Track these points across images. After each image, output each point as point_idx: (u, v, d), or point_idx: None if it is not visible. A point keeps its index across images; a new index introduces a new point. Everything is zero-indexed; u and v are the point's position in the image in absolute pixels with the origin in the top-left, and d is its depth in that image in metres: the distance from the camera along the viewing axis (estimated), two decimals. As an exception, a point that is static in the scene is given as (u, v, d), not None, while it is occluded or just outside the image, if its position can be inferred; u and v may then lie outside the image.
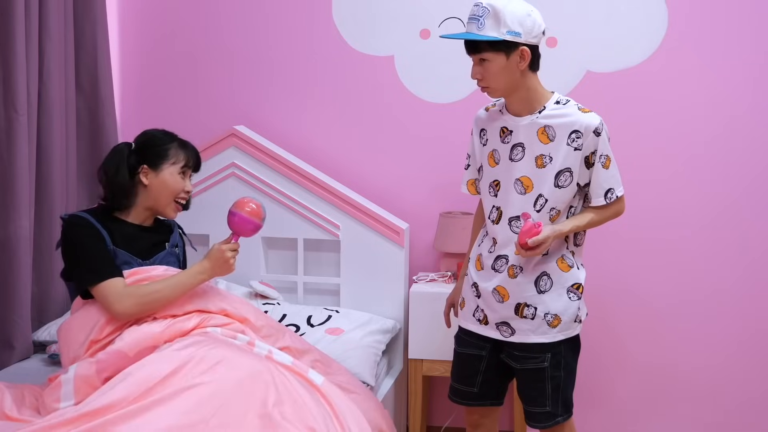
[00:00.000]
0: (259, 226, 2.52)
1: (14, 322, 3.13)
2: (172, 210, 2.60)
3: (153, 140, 2.61)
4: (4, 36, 3.05)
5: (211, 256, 2.47)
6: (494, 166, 2.58)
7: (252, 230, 2.52)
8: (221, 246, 2.48)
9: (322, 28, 3.61)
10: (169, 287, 2.43)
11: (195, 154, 2.64)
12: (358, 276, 3.51)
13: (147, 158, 2.57)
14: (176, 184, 2.57)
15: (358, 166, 3.65)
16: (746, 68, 3.37)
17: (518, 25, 2.39)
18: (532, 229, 2.41)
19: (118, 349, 2.35)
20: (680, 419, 3.55)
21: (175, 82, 3.76)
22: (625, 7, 3.40)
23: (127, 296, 2.40)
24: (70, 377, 2.33)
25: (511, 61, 2.42)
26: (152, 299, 2.42)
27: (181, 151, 2.59)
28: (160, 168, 2.56)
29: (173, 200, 2.58)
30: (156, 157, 2.56)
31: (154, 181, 2.56)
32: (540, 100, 2.51)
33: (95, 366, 2.33)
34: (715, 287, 3.47)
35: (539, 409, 2.59)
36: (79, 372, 2.33)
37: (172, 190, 2.57)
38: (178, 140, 2.63)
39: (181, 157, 2.59)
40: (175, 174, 2.57)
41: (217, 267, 2.47)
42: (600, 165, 2.49)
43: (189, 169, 2.61)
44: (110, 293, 2.41)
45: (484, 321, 2.61)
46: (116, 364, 2.33)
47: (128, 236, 2.55)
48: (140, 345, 2.36)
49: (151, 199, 2.58)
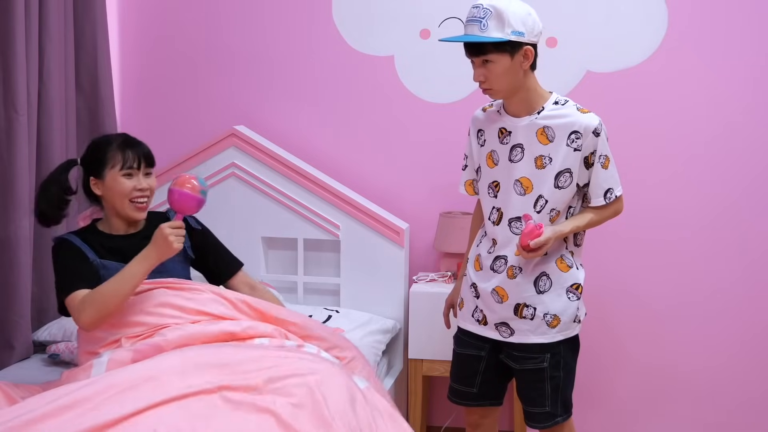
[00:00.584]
0: (198, 200, 2.42)
1: (14, 322, 3.13)
2: (132, 211, 2.53)
3: (92, 150, 2.57)
4: (4, 36, 3.05)
5: (154, 238, 2.38)
6: (493, 167, 2.58)
7: (193, 206, 2.42)
8: (161, 225, 2.38)
9: (322, 28, 3.61)
10: (120, 282, 2.36)
11: (138, 151, 2.54)
12: (358, 276, 3.51)
13: (91, 170, 2.54)
14: (122, 187, 2.50)
15: (358, 166, 3.65)
16: (746, 68, 3.37)
17: (521, 24, 2.39)
18: (533, 231, 2.41)
19: (157, 344, 2.33)
20: (680, 419, 3.55)
21: (175, 82, 3.76)
22: (625, 7, 3.40)
23: (86, 305, 2.37)
24: (103, 360, 2.31)
25: (516, 61, 2.42)
26: (108, 299, 2.35)
27: (118, 152, 2.51)
28: (102, 175, 2.51)
29: (129, 201, 2.52)
30: (97, 165, 2.52)
31: (103, 189, 2.52)
32: (539, 101, 2.51)
33: (132, 355, 2.31)
34: (714, 288, 3.47)
35: (539, 409, 2.59)
36: (114, 357, 2.31)
37: (121, 193, 2.51)
38: (118, 141, 2.55)
39: (118, 159, 2.51)
40: (117, 177, 2.50)
41: (160, 248, 2.37)
42: (599, 165, 2.49)
43: (133, 168, 2.52)
44: (73, 307, 2.40)
45: (483, 321, 2.61)
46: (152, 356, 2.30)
47: (113, 247, 2.53)
48: (178, 342, 2.34)
49: (109, 206, 2.55)
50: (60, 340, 3.14)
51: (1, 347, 3.13)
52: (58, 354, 3.04)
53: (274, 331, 2.47)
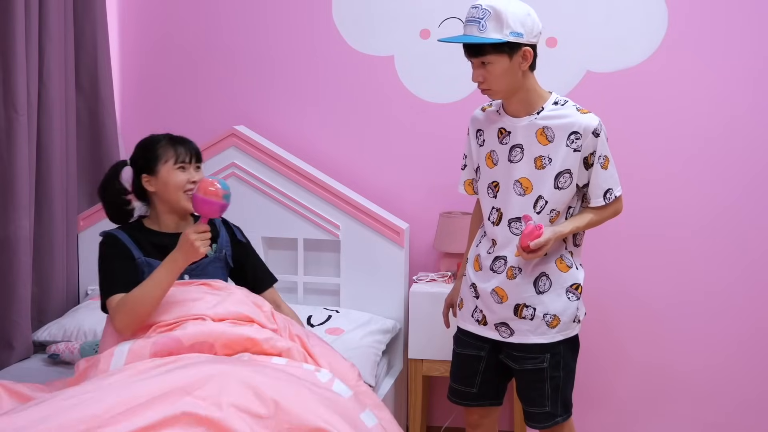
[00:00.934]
0: (222, 205, 2.47)
1: (14, 322, 3.14)
2: (187, 202, 2.58)
3: (142, 148, 2.64)
4: (4, 36, 3.05)
5: (180, 243, 2.43)
6: (492, 167, 2.57)
7: (217, 210, 2.47)
8: (187, 230, 2.43)
9: (322, 28, 3.61)
10: (150, 287, 2.42)
11: (188, 146, 2.62)
12: (358, 276, 3.51)
13: (143, 167, 2.60)
14: (177, 179, 2.57)
15: (358, 166, 3.65)
16: (746, 68, 3.37)
17: (520, 25, 2.39)
18: (533, 232, 2.41)
19: (176, 337, 2.36)
20: (679, 419, 3.55)
21: (175, 82, 3.76)
22: (624, 7, 3.40)
23: (119, 310, 2.43)
24: (124, 350, 2.34)
25: (514, 62, 2.42)
26: (139, 305, 2.41)
27: (170, 148, 2.59)
28: (156, 171, 2.57)
29: (183, 193, 2.58)
30: (148, 162, 2.59)
31: (157, 185, 2.58)
32: (538, 101, 2.51)
33: (150, 347, 2.34)
34: (714, 287, 3.46)
35: (538, 409, 2.59)
36: (134, 348, 2.34)
37: (176, 186, 2.57)
38: (166, 138, 2.63)
39: (171, 154, 2.58)
40: (171, 170, 2.57)
41: (186, 253, 2.42)
42: (599, 166, 2.49)
43: (185, 162, 2.59)
44: (110, 311, 2.47)
45: (482, 322, 2.61)
46: (170, 351, 2.35)
47: (160, 244, 2.56)
48: (197, 338, 2.37)
49: (164, 201, 2.60)
50: (60, 340, 3.15)
51: (1, 347, 3.13)
52: (57, 354, 3.05)
53: (294, 349, 2.47)
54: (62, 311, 3.39)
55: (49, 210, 3.31)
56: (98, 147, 3.61)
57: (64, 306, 3.43)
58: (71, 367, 3.01)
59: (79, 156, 3.56)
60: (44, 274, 3.34)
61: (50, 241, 3.33)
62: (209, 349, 2.38)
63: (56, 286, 3.37)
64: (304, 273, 3.59)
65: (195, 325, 2.41)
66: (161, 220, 2.63)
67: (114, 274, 2.50)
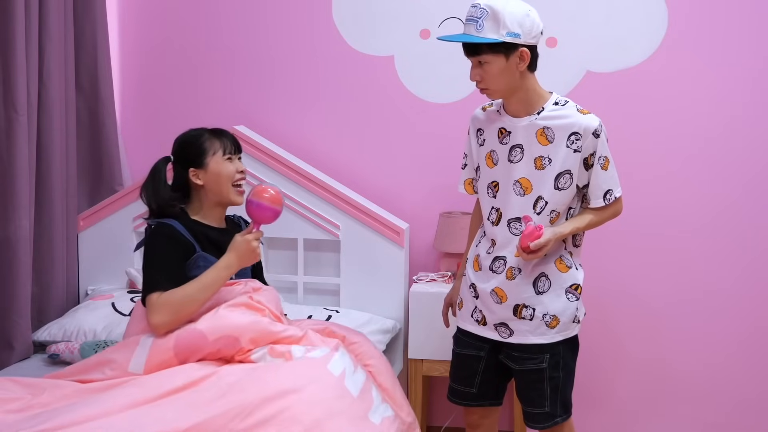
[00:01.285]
0: (278, 212, 2.51)
1: (14, 322, 3.14)
2: (235, 195, 2.60)
3: (186, 143, 2.62)
4: (4, 36, 3.05)
5: (236, 247, 2.46)
6: (492, 167, 2.57)
7: (272, 217, 2.50)
8: (245, 236, 2.47)
9: (322, 28, 3.61)
10: (199, 290, 2.42)
11: (230, 138, 2.64)
12: (358, 276, 3.51)
13: (189, 161, 2.58)
14: (227, 170, 2.57)
15: (358, 166, 3.65)
16: (746, 68, 3.37)
17: (517, 26, 2.39)
18: (533, 232, 2.41)
19: (199, 330, 2.36)
20: (680, 419, 3.55)
21: (175, 82, 3.76)
22: (624, 7, 3.40)
23: (160, 307, 2.39)
24: (147, 343, 2.36)
25: (511, 62, 2.42)
26: (184, 305, 2.40)
27: (215, 140, 2.60)
28: (204, 164, 2.56)
29: (232, 185, 2.59)
30: (195, 156, 2.57)
31: (206, 178, 2.57)
32: (538, 101, 2.51)
33: (173, 341, 2.35)
34: (714, 286, 3.46)
35: (538, 409, 2.59)
36: (156, 341, 2.36)
37: (226, 177, 2.57)
38: (208, 131, 2.63)
39: (218, 145, 2.59)
40: (220, 162, 2.57)
41: (243, 257, 2.46)
42: (599, 166, 2.49)
43: (230, 153, 2.60)
44: (150, 305, 2.41)
45: (482, 322, 2.61)
46: (195, 345, 2.35)
47: (213, 240, 2.57)
48: (222, 332, 2.37)
49: (212, 194, 2.58)
50: (60, 340, 3.15)
51: (1, 347, 3.13)
52: (57, 354, 3.05)
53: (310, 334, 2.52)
54: (62, 311, 3.39)
55: (49, 210, 3.31)
56: (98, 147, 3.61)
57: (64, 306, 3.43)
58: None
59: (79, 156, 3.56)
60: (44, 274, 3.34)
61: (50, 241, 3.33)
62: (234, 343, 2.38)
63: (56, 286, 3.38)
64: (304, 273, 3.59)
65: (214, 317, 2.39)
66: (207, 214, 2.61)
67: (167, 269, 2.45)
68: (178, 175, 2.61)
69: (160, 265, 2.46)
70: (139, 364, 2.36)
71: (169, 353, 2.36)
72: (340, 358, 2.44)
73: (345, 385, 2.36)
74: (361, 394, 2.40)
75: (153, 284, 2.43)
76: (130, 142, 3.80)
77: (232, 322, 2.40)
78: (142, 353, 2.36)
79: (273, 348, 2.42)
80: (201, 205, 2.61)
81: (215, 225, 2.62)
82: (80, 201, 3.61)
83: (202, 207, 2.61)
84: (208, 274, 2.44)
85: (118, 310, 3.25)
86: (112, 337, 3.10)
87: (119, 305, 3.28)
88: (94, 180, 3.65)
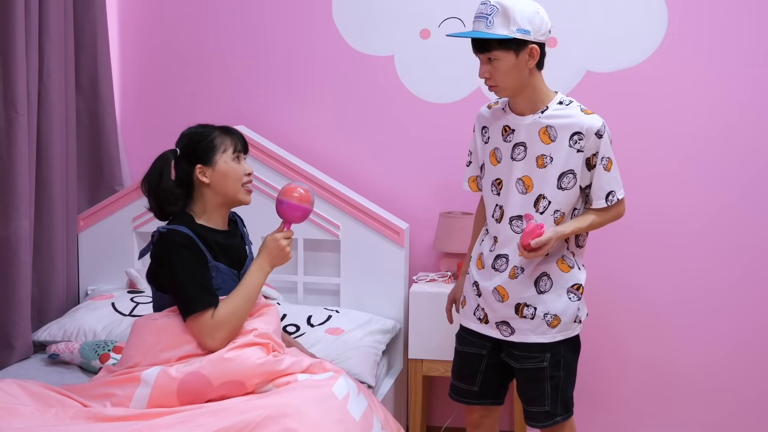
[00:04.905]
0: (308, 211, 2.47)
1: (14, 322, 3.14)
2: (244, 194, 2.51)
3: (195, 138, 2.50)
4: (4, 36, 3.05)
5: (268, 248, 2.42)
6: (496, 165, 2.58)
7: (302, 216, 2.47)
8: (275, 236, 2.42)
9: (322, 28, 3.61)
10: (245, 299, 2.39)
11: (239, 136, 2.55)
12: (358, 276, 3.51)
13: (197, 157, 2.47)
14: (236, 170, 2.48)
15: (358, 166, 3.65)
16: (746, 68, 3.37)
17: (527, 22, 2.39)
18: (534, 231, 2.41)
19: (204, 375, 2.29)
20: (682, 418, 3.55)
21: (175, 82, 3.76)
22: (624, 7, 3.40)
23: (215, 329, 2.34)
24: (150, 382, 2.29)
25: (521, 59, 2.42)
26: (238, 321, 2.37)
27: (226, 138, 2.50)
28: (213, 161, 2.46)
29: (241, 185, 2.50)
30: (205, 152, 2.47)
31: (213, 176, 2.46)
32: (543, 100, 2.51)
33: (177, 384, 2.28)
34: (715, 284, 3.47)
35: (538, 408, 2.59)
36: (159, 383, 2.29)
37: (235, 177, 2.48)
38: (218, 128, 2.53)
39: (228, 143, 2.49)
40: (229, 161, 2.48)
41: (276, 258, 2.43)
42: (601, 167, 2.49)
43: (239, 152, 2.52)
44: (202, 327, 2.35)
45: (484, 320, 2.61)
46: (198, 390, 2.28)
47: (222, 246, 2.49)
48: (227, 377, 2.30)
49: (219, 194, 2.48)
50: (60, 340, 3.15)
51: (1, 347, 3.13)
52: (57, 354, 3.05)
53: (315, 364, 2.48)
54: (62, 311, 3.39)
55: (49, 210, 3.31)
56: (98, 147, 3.61)
57: (64, 306, 3.43)
58: (71, 367, 3.02)
59: (79, 156, 3.56)
60: (44, 274, 3.34)
61: (50, 241, 3.33)
62: (239, 387, 2.31)
63: (56, 286, 3.37)
64: (304, 273, 3.59)
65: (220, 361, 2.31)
66: (212, 217, 2.50)
67: (205, 283, 2.38)
68: (182, 171, 2.48)
69: (197, 280, 2.37)
70: (141, 404, 2.29)
71: (171, 396, 2.29)
72: (344, 381, 2.41)
73: (348, 408, 2.33)
74: (363, 418, 2.37)
75: (199, 303, 2.35)
76: (130, 142, 3.80)
77: (237, 366, 2.31)
78: (145, 392, 2.29)
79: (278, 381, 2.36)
80: (205, 207, 2.50)
81: (221, 228, 2.52)
82: (80, 201, 3.60)
83: (206, 209, 2.50)
84: (247, 285, 2.41)
85: (118, 310, 3.25)
86: (112, 337, 3.10)
87: (119, 305, 3.28)
88: (94, 180, 3.64)
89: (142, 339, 2.41)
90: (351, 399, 2.37)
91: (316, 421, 2.20)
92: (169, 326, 2.40)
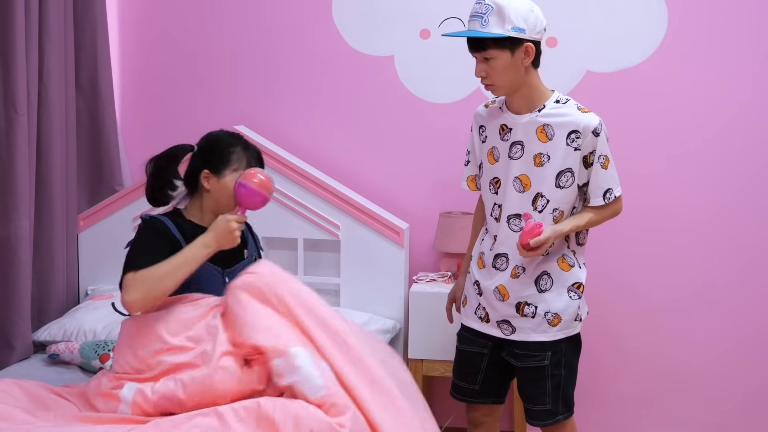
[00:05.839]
0: (266, 199, 2.43)
1: (14, 322, 3.14)
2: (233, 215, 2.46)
3: (216, 143, 2.49)
4: (4, 36, 3.05)
5: (216, 226, 2.35)
6: (494, 164, 2.58)
7: (261, 202, 2.42)
8: (228, 217, 2.37)
9: (322, 28, 3.61)
10: (173, 266, 2.31)
11: (257, 156, 2.53)
12: (358, 276, 3.51)
13: (209, 162, 2.46)
14: None
15: (358, 166, 3.65)
16: (745, 68, 3.37)
17: (522, 21, 2.40)
18: (533, 230, 2.42)
19: (179, 399, 2.23)
20: (683, 417, 3.55)
21: (176, 82, 3.76)
22: (624, 7, 3.40)
23: (135, 283, 2.28)
24: (128, 400, 2.26)
25: (516, 57, 2.43)
26: (160, 282, 2.29)
27: (243, 156, 2.48)
28: (222, 174, 2.45)
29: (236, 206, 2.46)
30: (218, 162, 2.45)
31: (216, 187, 2.45)
32: (540, 99, 2.52)
33: (153, 402, 2.25)
34: (714, 283, 3.47)
35: (539, 407, 2.59)
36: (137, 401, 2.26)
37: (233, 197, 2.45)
38: (242, 143, 2.50)
39: (243, 164, 2.47)
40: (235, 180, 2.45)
41: (222, 238, 2.35)
42: (599, 165, 2.49)
43: None
44: (124, 284, 2.31)
45: (485, 319, 2.61)
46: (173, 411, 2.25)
47: None
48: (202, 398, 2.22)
49: (214, 203, 2.47)
50: (60, 340, 3.15)
51: (1, 347, 3.13)
52: (57, 354, 3.05)
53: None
54: (62, 311, 3.39)
55: (49, 210, 3.31)
56: (98, 147, 3.61)
57: (64, 306, 3.43)
58: (71, 367, 3.02)
59: (79, 156, 3.56)
60: (44, 274, 3.34)
61: (50, 241, 3.33)
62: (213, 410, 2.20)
63: (56, 286, 3.37)
64: (304, 273, 3.59)
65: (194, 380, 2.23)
66: (203, 217, 2.49)
67: (145, 251, 2.34)
68: (191, 168, 2.49)
69: (142, 251, 2.35)
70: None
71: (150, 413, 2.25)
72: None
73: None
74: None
75: (130, 265, 2.32)
76: (130, 142, 3.80)
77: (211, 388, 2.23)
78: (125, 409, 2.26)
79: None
80: (200, 209, 2.50)
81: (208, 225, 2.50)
82: (80, 201, 3.60)
83: (201, 210, 2.50)
84: (182, 253, 2.33)
85: (118, 310, 3.22)
86: (112, 337, 3.09)
87: (119, 305, 3.27)
88: (94, 180, 3.64)
89: (123, 340, 2.42)
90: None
91: None
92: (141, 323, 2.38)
